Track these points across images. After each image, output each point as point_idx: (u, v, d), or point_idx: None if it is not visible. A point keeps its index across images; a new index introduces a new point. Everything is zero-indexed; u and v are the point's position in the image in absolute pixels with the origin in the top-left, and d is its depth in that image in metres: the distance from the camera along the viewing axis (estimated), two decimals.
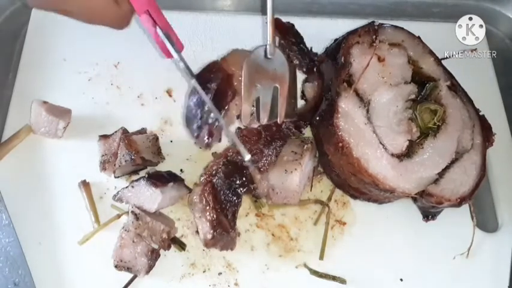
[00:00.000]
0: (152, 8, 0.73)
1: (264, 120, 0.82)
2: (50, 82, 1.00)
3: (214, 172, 0.84)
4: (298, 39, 0.91)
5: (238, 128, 0.89)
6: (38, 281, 0.82)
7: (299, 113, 0.89)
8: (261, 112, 0.81)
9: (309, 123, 0.91)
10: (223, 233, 0.81)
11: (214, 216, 0.80)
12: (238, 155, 0.86)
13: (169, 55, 0.77)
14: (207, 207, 0.81)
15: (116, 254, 0.81)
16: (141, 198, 0.84)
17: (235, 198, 0.84)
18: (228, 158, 0.86)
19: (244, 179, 0.84)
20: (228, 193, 0.83)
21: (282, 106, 0.81)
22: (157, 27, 0.74)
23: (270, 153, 0.86)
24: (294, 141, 0.91)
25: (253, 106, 0.83)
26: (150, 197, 0.83)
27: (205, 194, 0.82)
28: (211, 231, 0.80)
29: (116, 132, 0.91)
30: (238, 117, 0.87)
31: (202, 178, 0.85)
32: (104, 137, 0.91)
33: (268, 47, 0.78)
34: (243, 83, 0.79)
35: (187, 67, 0.77)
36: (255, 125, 0.87)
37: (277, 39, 0.84)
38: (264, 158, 0.86)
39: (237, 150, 0.86)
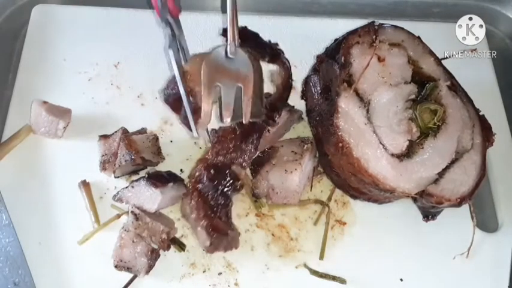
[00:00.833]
0: None
1: (227, 120, 0.79)
2: (50, 82, 1.00)
3: (198, 179, 0.84)
4: (253, 36, 0.90)
5: (213, 129, 0.88)
6: (38, 281, 0.82)
7: (270, 103, 0.88)
8: (223, 112, 0.78)
9: (281, 112, 0.90)
10: (221, 236, 0.81)
11: (208, 222, 0.80)
12: (218, 156, 0.85)
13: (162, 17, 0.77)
14: (199, 216, 0.81)
15: (116, 254, 0.81)
16: (141, 198, 0.84)
17: (224, 199, 0.83)
18: (208, 161, 0.85)
19: (228, 178, 0.84)
20: (216, 196, 0.83)
21: (247, 106, 0.79)
22: None
23: (249, 147, 0.85)
24: (294, 141, 0.92)
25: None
26: (150, 197, 0.83)
27: (194, 203, 0.81)
28: (209, 237, 0.80)
29: (116, 132, 0.91)
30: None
31: (188, 185, 0.85)
32: (104, 137, 0.91)
33: (228, 46, 0.77)
34: (202, 82, 0.77)
35: (173, 35, 0.77)
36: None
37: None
38: (244, 154, 0.85)
39: (216, 151, 0.85)
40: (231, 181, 0.83)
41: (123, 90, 1.00)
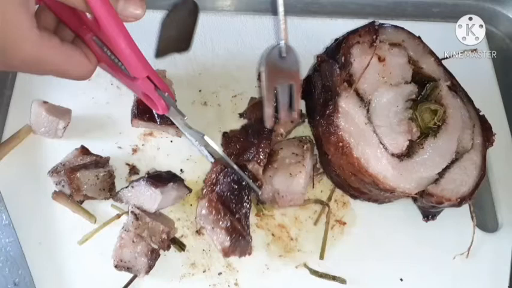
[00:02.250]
0: (151, 72, 0.70)
1: (284, 118, 0.85)
2: (50, 82, 0.99)
3: (214, 181, 0.83)
4: None
5: (225, 132, 0.91)
6: (38, 281, 0.82)
7: None
8: (281, 112, 0.84)
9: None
10: (239, 238, 0.81)
11: (229, 223, 0.80)
12: (231, 156, 0.86)
13: (164, 110, 0.75)
14: (219, 216, 0.80)
15: (116, 254, 0.81)
16: (141, 198, 0.84)
17: (243, 200, 0.83)
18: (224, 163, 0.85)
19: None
20: (235, 197, 0.82)
21: (297, 101, 0.84)
22: (158, 89, 0.72)
23: (262, 143, 0.86)
24: (292, 141, 0.91)
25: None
26: (150, 197, 0.83)
27: (213, 204, 0.81)
28: (228, 238, 0.79)
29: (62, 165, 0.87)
30: None
31: (204, 190, 0.84)
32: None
33: (283, 46, 0.79)
34: (264, 86, 0.80)
35: (188, 126, 0.78)
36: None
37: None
38: (258, 150, 0.86)
39: (227, 152, 0.86)
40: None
41: (123, 90, 1.00)
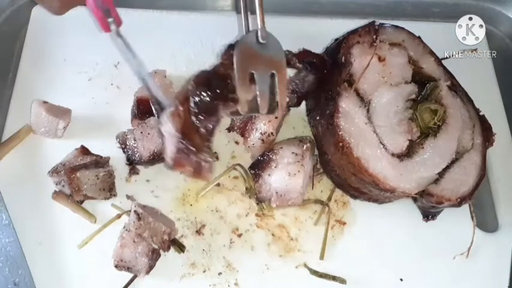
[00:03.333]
0: None
1: (265, 110, 0.73)
2: (50, 82, 1.00)
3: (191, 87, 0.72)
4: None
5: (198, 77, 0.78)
6: (38, 281, 0.82)
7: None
8: (260, 101, 0.72)
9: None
10: (195, 152, 0.71)
11: (185, 119, 0.70)
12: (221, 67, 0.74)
13: (107, 29, 0.74)
14: (179, 106, 0.71)
15: (116, 253, 0.81)
16: None
17: (212, 112, 0.73)
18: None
19: (223, 90, 0.72)
20: (205, 103, 0.71)
21: (283, 94, 0.74)
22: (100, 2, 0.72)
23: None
24: (293, 141, 0.91)
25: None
26: None
27: (178, 106, 0.71)
28: (179, 144, 0.70)
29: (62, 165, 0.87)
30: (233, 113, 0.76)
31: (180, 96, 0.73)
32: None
33: (259, 31, 0.72)
34: (235, 71, 0.71)
35: (127, 43, 0.75)
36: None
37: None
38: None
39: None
40: (225, 93, 0.72)
41: (123, 90, 1.00)
